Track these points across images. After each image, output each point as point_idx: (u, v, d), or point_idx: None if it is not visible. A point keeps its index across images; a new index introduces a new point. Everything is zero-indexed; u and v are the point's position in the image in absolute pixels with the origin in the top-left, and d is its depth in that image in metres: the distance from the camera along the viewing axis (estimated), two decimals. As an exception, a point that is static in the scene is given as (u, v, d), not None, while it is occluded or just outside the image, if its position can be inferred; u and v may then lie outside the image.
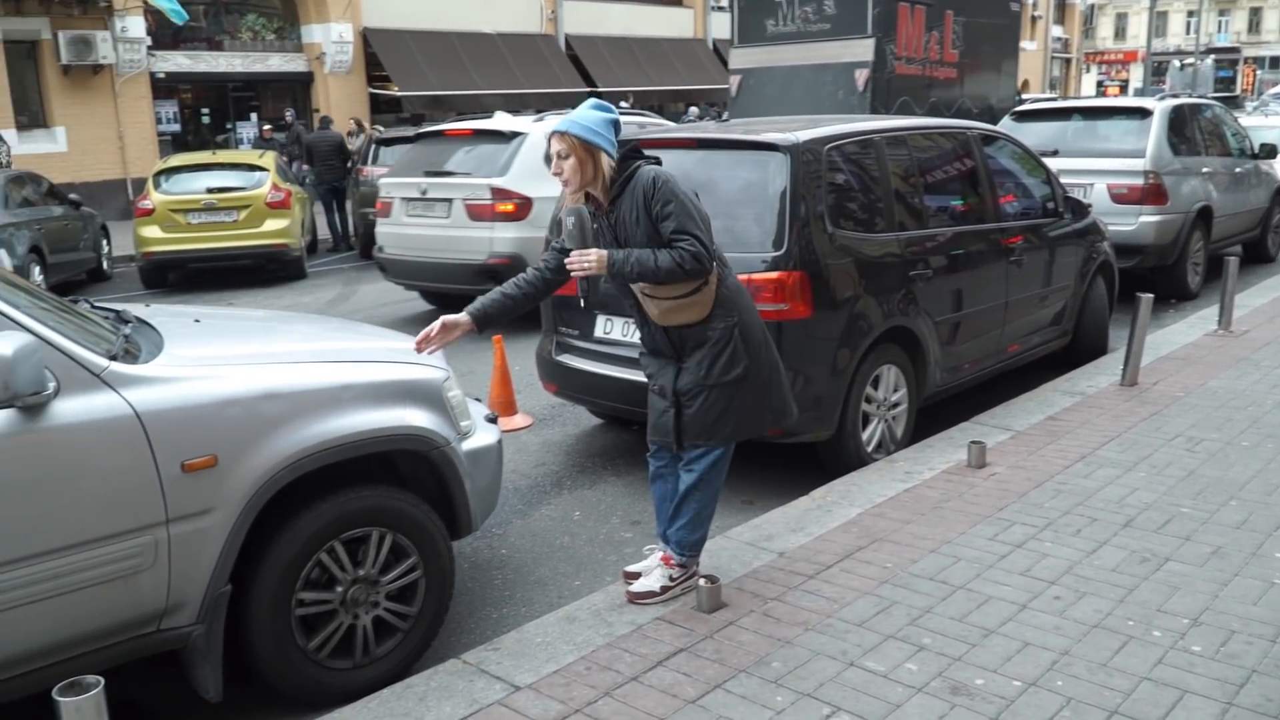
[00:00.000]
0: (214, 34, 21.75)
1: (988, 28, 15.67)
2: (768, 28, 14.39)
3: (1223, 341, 7.56)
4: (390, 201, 10.01)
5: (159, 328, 3.55)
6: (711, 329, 3.66)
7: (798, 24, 14.12)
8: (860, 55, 13.43)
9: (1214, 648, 3.35)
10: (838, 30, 13.62)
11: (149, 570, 2.95)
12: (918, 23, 14.04)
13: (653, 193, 3.52)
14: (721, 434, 3.73)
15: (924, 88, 14.24)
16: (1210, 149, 10.65)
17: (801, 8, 14.04)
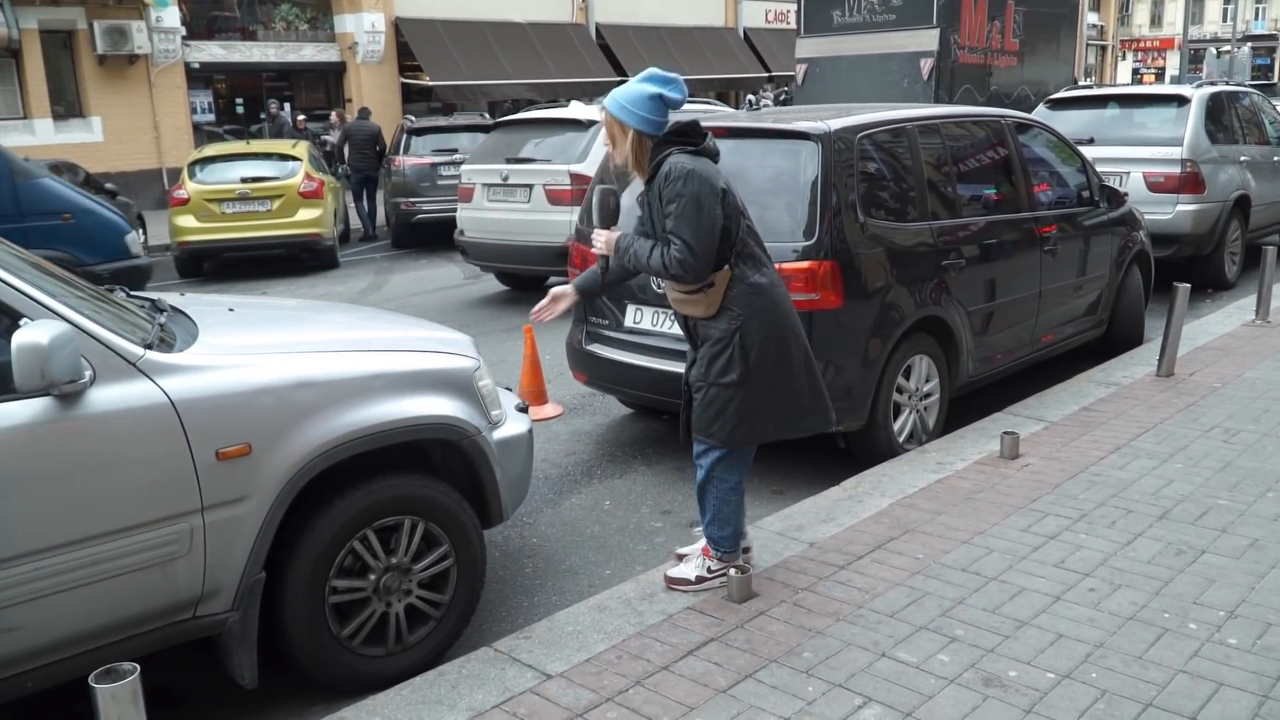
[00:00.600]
0: (248, 24, 21.89)
1: (1047, 16, 16.08)
2: (834, 18, 14.87)
3: (1260, 332, 7.45)
4: (472, 187, 10.45)
5: (194, 317, 3.59)
6: (715, 327, 3.59)
7: (864, 15, 14.57)
8: (925, 45, 13.85)
9: (1250, 640, 3.31)
10: (903, 20, 14.03)
11: (184, 557, 2.99)
12: (980, 13, 14.48)
13: (664, 185, 3.48)
14: (714, 434, 3.65)
15: (985, 76, 14.62)
16: (1248, 137, 10.50)
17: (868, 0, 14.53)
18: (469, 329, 7.71)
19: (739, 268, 3.58)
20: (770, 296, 3.63)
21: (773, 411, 3.67)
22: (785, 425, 3.74)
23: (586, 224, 5.95)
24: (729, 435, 3.64)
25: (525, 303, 10.49)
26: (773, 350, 3.60)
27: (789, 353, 3.65)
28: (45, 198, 7.63)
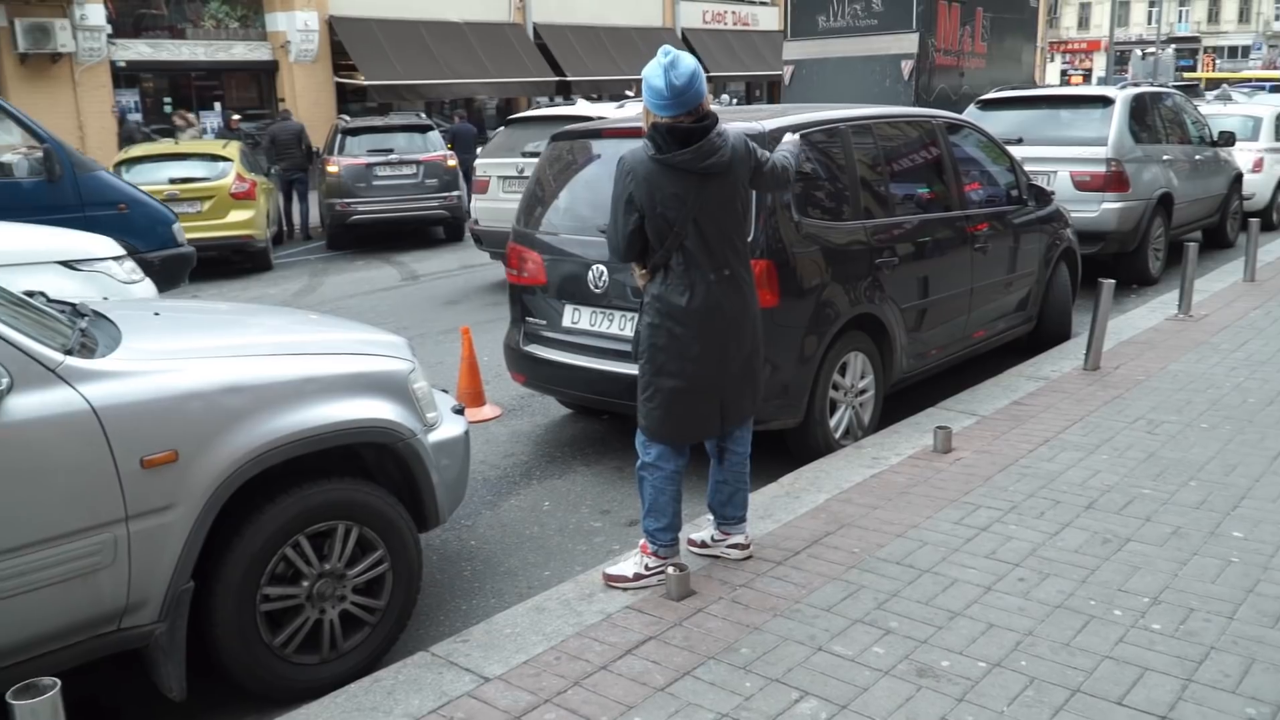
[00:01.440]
0: (176, 22, 21.46)
1: (1010, 22, 17.72)
2: (819, 22, 16.08)
3: (1183, 326, 7.65)
4: (487, 180, 10.89)
5: (117, 321, 3.51)
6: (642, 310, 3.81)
7: (848, 20, 15.79)
8: (906, 48, 15.06)
9: (1174, 625, 3.39)
10: (885, 25, 15.24)
11: (109, 568, 2.92)
12: (954, 19, 15.87)
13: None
14: (643, 426, 3.83)
15: (958, 76, 15.93)
16: (1170, 137, 10.77)
17: (851, 5, 15.73)
18: (405, 331, 7.65)
19: (656, 274, 3.73)
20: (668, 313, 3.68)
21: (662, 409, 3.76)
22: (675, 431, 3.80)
23: (525, 224, 5.93)
24: (653, 426, 3.79)
25: (463, 303, 10.43)
26: (658, 356, 3.73)
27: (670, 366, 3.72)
28: (103, 189, 7.99)
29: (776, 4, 33.64)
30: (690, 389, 3.73)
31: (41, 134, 7.96)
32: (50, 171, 7.74)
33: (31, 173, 7.84)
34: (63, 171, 7.78)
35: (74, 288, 5.48)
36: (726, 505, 4.01)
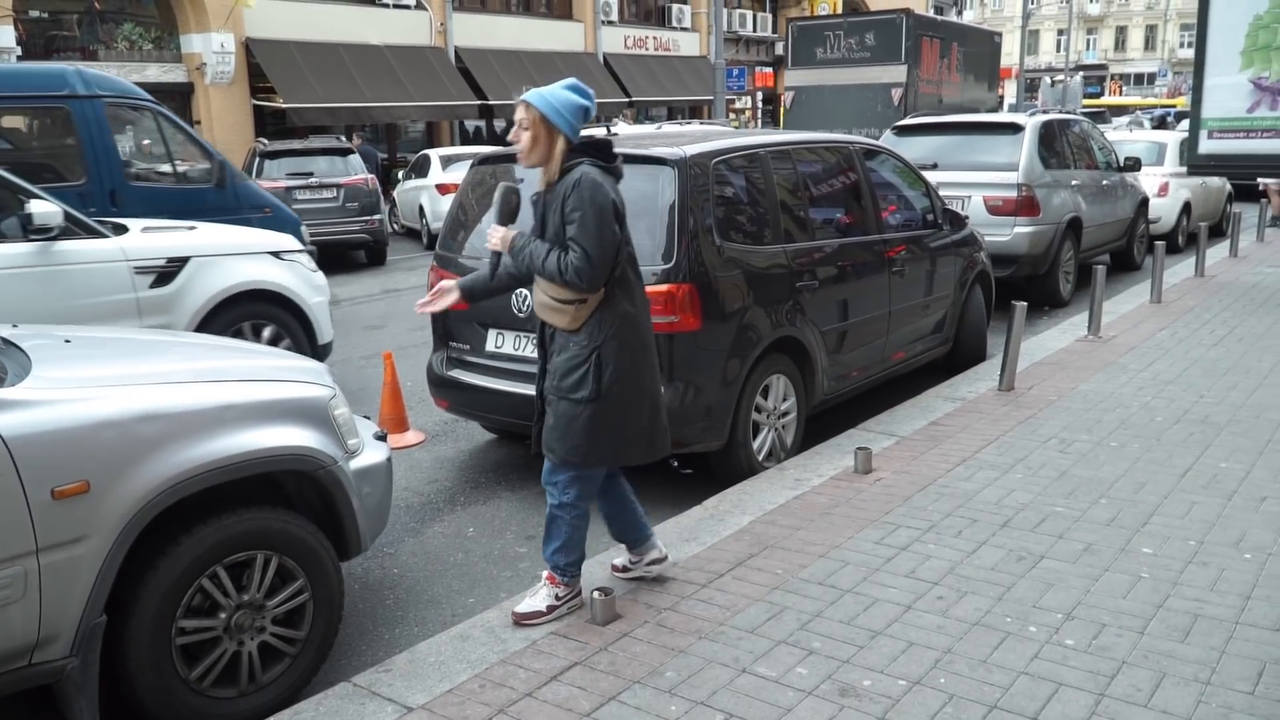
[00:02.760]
0: (88, 43, 20.98)
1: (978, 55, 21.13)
2: (817, 54, 18.67)
3: (1092, 347, 7.88)
4: None
5: (26, 349, 3.42)
6: (574, 341, 3.62)
7: (843, 52, 18.38)
8: (896, 78, 17.67)
9: (1086, 641, 3.49)
10: (877, 58, 17.80)
11: (18, 602, 2.83)
12: (934, 52, 18.72)
13: (570, 192, 3.50)
14: (560, 451, 3.66)
15: (938, 101, 18.31)
16: (1079, 162, 11.12)
17: (847, 39, 18.35)
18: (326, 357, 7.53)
19: (613, 292, 3.63)
20: (635, 326, 3.68)
21: (614, 436, 3.68)
22: (621, 452, 3.75)
23: (448, 248, 5.91)
24: (571, 452, 3.65)
25: (386, 328, 10.33)
26: (628, 376, 3.64)
27: (641, 382, 3.70)
28: (253, 195, 9.31)
29: (697, 30, 34.05)
30: (650, 403, 3.75)
31: (210, 150, 9.25)
32: (219, 180, 8.94)
33: (204, 181, 9.02)
34: (227, 180, 8.99)
35: (281, 272, 6.96)
36: (633, 528, 3.99)
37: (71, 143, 8.29)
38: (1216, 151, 10.39)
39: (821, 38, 18.69)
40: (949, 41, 19.30)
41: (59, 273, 5.87)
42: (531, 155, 3.57)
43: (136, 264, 6.20)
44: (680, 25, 33.72)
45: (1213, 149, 10.40)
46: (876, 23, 18.61)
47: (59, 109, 8.31)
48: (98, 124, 8.29)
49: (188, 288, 6.42)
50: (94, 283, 6.02)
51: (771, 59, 37.61)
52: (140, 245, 6.31)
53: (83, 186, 8.07)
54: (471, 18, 27.11)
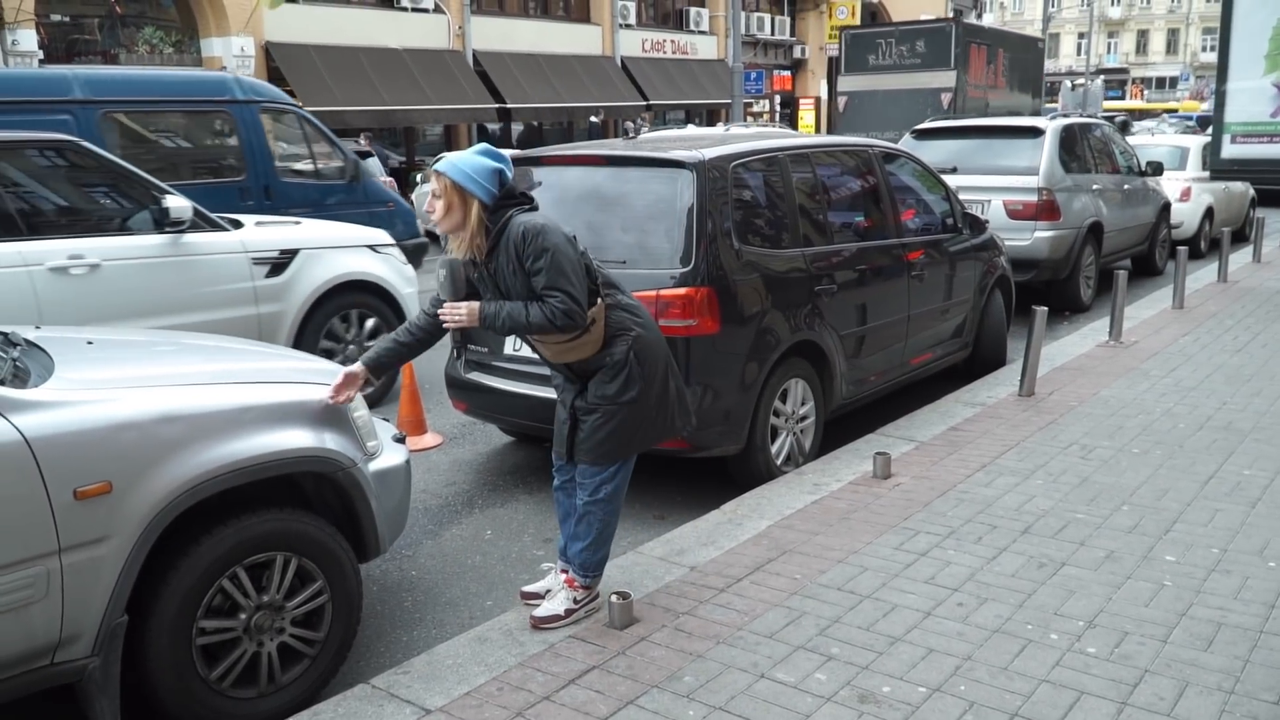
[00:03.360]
0: (109, 47, 21.13)
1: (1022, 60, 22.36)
2: (869, 60, 20.01)
3: (1114, 352, 7.83)
4: None
5: (49, 350, 3.44)
6: (609, 355, 3.66)
7: (895, 59, 19.68)
8: (945, 83, 18.93)
9: (1109, 649, 3.46)
10: (927, 64, 19.09)
11: (40, 602, 2.85)
12: (981, 58, 20.01)
13: (523, 247, 3.48)
14: (608, 455, 3.72)
15: (985, 105, 19.49)
16: (1100, 166, 11.06)
17: (898, 47, 19.63)
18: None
19: (610, 295, 3.69)
20: (642, 312, 3.79)
21: (654, 418, 3.77)
22: (664, 430, 3.83)
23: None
24: (619, 451, 3.72)
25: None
26: (661, 360, 3.75)
27: (662, 360, 3.79)
28: (378, 192, 10.15)
29: (715, 33, 34.04)
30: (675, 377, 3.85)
31: (344, 150, 10.00)
32: (352, 177, 9.79)
33: (339, 177, 9.82)
34: (360, 177, 9.85)
35: (378, 265, 7.38)
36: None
37: (234, 143, 9.17)
38: (1240, 156, 10.33)
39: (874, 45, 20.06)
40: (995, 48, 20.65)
41: (188, 262, 6.35)
42: (446, 221, 3.55)
43: (254, 255, 6.64)
44: (698, 28, 33.71)
45: (1236, 153, 10.34)
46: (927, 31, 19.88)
47: (223, 113, 9.20)
48: (254, 126, 9.16)
49: (297, 278, 6.83)
50: (218, 272, 6.49)
51: (789, 62, 37.56)
52: (256, 238, 6.73)
53: (242, 182, 8.97)
54: (489, 21, 27.17)
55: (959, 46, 18.96)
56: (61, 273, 5.78)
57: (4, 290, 5.54)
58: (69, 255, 5.82)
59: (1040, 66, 24.60)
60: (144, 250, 6.18)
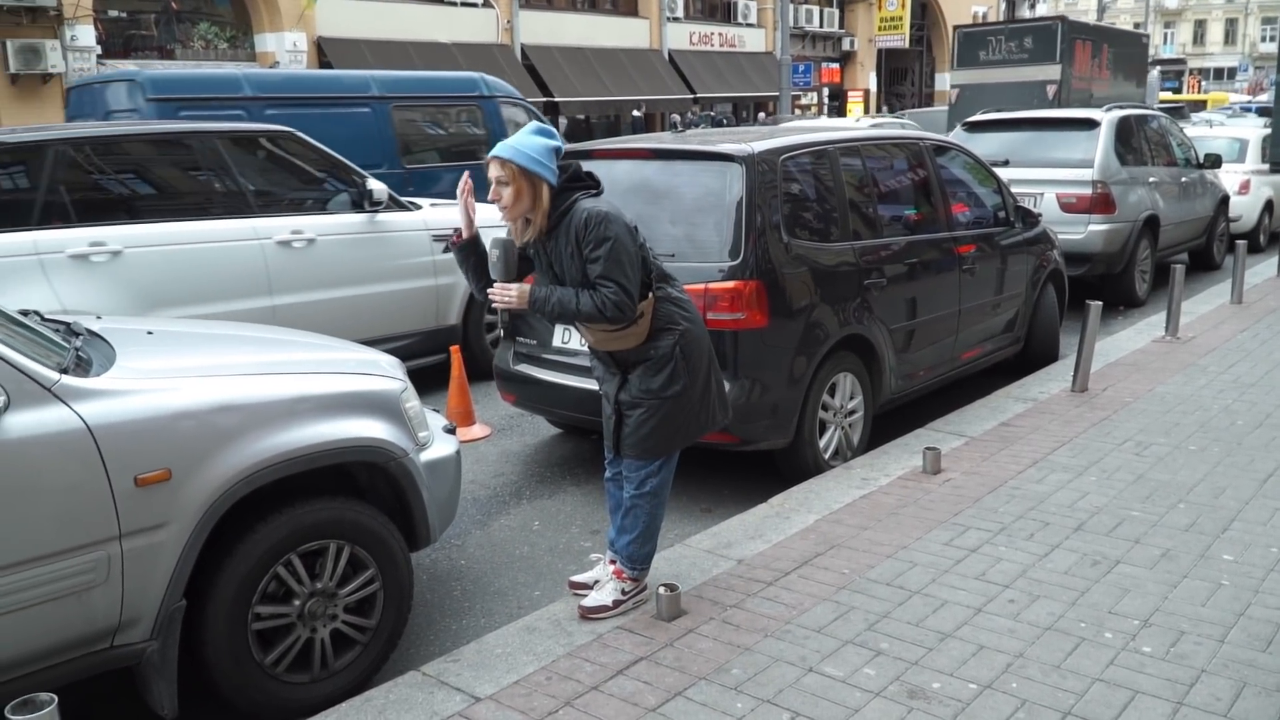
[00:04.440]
0: (165, 42, 21.47)
1: (1127, 54, 23.76)
2: (980, 56, 21.42)
3: (1170, 348, 7.70)
4: None
5: (111, 340, 3.51)
6: (654, 348, 3.66)
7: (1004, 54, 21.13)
8: (1051, 76, 20.11)
9: (1164, 648, 3.41)
10: (1034, 59, 20.32)
11: (101, 586, 2.91)
12: (1086, 52, 21.30)
13: (584, 233, 3.48)
14: (653, 449, 3.73)
15: (1089, 96, 20.37)
16: (1156, 159, 10.87)
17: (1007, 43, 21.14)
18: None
19: (661, 288, 3.69)
20: (691, 306, 3.78)
21: (697, 412, 3.77)
22: (705, 423, 3.83)
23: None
24: (665, 445, 3.74)
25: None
26: (705, 355, 3.76)
27: (710, 356, 3.81)
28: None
29: (763, 26, 33.88)
30: (717, 370, 3.87)
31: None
32: None
33: None
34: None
35: None
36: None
37: (480, 132, 11.25)
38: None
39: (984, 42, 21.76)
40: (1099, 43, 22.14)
41: (383, 238, 7.14)
42: (516, 208, 3.54)
43: (434, 232, 7.31)
44: (746, 21, 33.58)
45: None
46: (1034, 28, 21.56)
47: (474, 107, 11.45)
48: (497, 117, 11.38)
49: None
50: (406, 247, 7.25)
51: (838, 55, 37.30)
52: (435, 217, 7.41)
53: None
54: (538, 15, 27.27)
55: (1064, 42, 20.25)
56: (285, 246, 6.60)
57: (241, 260, 6.41)
58: (291, 230, 6.66)
59: (1144, 59, 25.96)
60: (350, 227, 6.99)
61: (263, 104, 9.71)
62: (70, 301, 5.59)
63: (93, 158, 6.24)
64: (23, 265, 5.64)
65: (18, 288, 5.49)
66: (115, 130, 6.62)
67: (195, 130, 6.76)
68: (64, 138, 6.09)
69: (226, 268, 6.32)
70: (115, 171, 6.45)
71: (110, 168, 6.41)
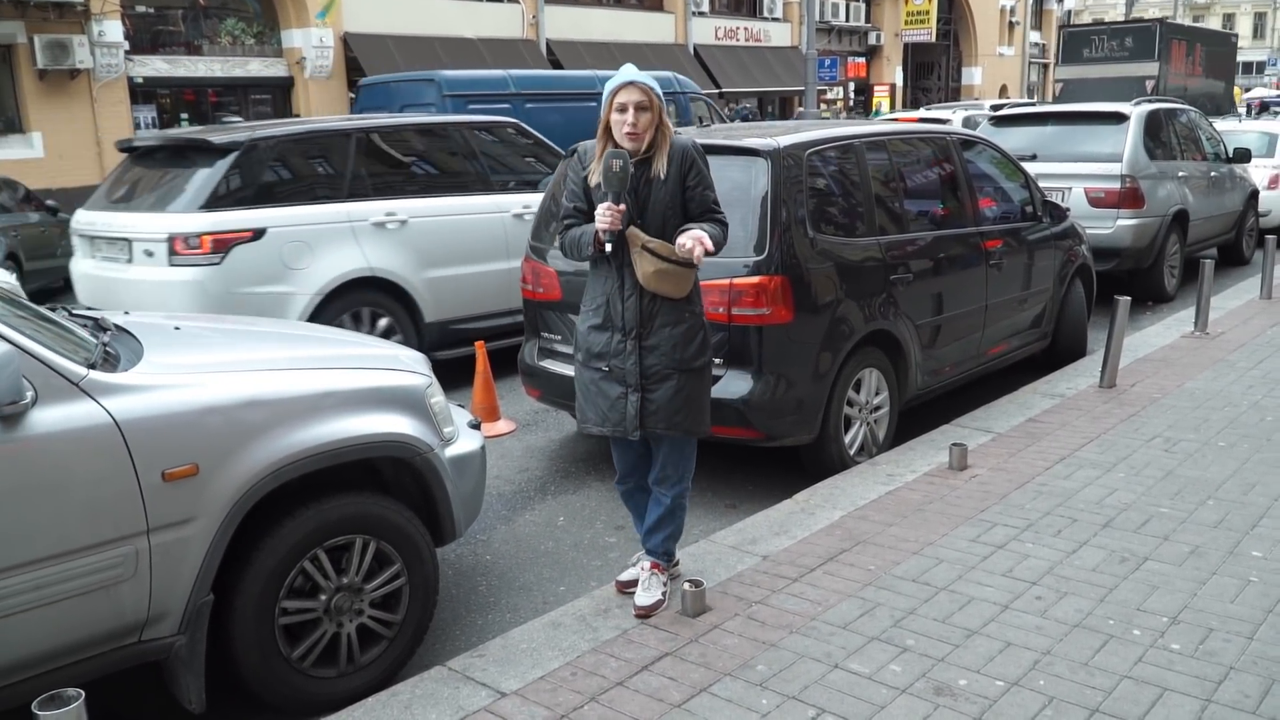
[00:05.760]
0: (193, 38, 21.59)
1: (1218, 53, 26.92)
2: (1083, 54, 24.41)
3: (1199, 343, 7.62)
4: None
5: (138, 335, 3.54)
6: (689, 311, 3.68)
7: (1106, 52, 24.16)
8: (1149, 72, 22.99)
9: (1193, 645, 3.38)
10: (1134, 57, 23.36)
11: (130, 581, 2.94)
12: (1181, 50, 24.41)
13: (693, 164, 3.61)
14: (687, 423, 3.68)
15: (1182, 91, 22.78)
16: (1186, 153, 10.75)
17: (1109, 41, 24.14)
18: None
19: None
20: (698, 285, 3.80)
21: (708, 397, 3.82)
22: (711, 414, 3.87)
23: (540, 239, 5.95)
24: (691, 423, 3.71)
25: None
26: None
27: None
28: None
29: (789, 20, 33.72)
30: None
31: None
32: None
33: None
34: None
35: None
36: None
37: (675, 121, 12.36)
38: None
39: (1088, 41, 24.53)
40: (1193, 43, 24.88)
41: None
42: (648, 136, 3.58)
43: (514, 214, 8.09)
44: (771, 15, 33.42)
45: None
46: (1134, 29, 24.27)
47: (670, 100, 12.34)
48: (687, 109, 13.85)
49: None
50: None
51: (864, 49, 37.08)
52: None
53: None
54: (563, 10, 27.24)
55: (1162, 42, 22.90)
56: (519, 219, 7.87)
57: (488, 230, 7.80)
58: (523, 205, 7.91)
59: (1233, 57, 29.47)
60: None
61: (523, 99, 12.04)
62: (374, 261, 7.13)
63: (380, 143, 7.71)
64: (340, 231, 7.04)
65: (338, 248, 6.97)
66: (397, 121, 8.39)
67: (449, 121, 8.38)
68: (361, 127, 7.59)
69: (478, 235, 7.74)
70: (400, 154, 7.89)
71: (395, 151, 7.85)
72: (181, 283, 6.50)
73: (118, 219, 7.02)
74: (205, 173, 6.77)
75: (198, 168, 6.86)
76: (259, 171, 6.90)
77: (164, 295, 6.52)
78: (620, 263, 3.63)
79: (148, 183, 7.18)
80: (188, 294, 6.48)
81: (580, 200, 3.72)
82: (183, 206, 6.69)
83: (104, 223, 7.13)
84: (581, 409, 3.86)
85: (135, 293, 6.61)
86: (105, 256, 7.12)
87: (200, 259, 6.51)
